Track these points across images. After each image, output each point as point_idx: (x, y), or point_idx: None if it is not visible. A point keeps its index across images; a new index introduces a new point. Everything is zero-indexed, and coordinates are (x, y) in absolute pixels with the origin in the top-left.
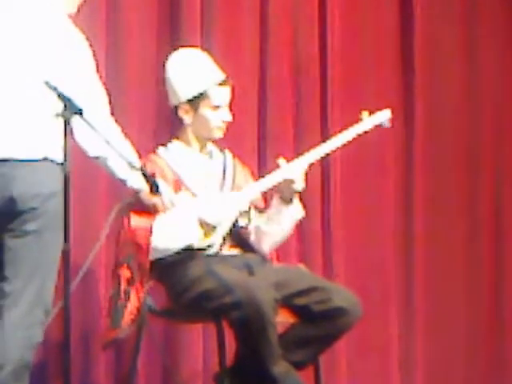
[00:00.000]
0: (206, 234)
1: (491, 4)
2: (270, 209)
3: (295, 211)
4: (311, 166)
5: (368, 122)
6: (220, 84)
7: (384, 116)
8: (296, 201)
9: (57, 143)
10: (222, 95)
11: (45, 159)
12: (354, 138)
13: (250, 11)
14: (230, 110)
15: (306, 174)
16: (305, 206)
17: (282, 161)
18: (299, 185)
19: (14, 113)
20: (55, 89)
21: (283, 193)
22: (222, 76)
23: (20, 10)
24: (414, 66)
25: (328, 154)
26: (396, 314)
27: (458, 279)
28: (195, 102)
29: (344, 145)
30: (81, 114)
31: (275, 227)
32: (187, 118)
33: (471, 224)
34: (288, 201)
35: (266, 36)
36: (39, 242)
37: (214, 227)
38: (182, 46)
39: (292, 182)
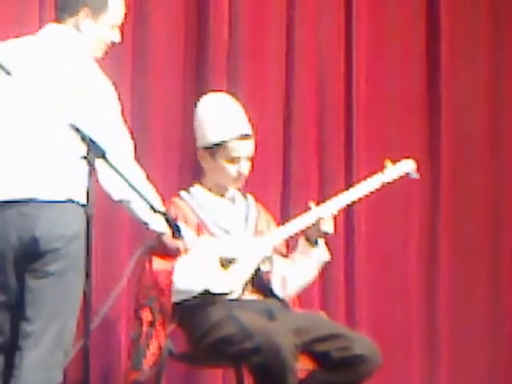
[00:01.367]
0: (224, 268)
1: None
2: (295, 252)
3: (322, 254)
4: (338, 212)
5: (391, 171)
6: (241, 137)
7: (408, 166)
8: (322, 244)
9: (81, 185)
10: (241, 148)
11: (69, 201)
12: (378, 188)
13: (276, 56)
14: (251, 160)
15: (335, 219)
16: (329, 252)
17: (312, 204)
18: (329, 227)
19: (39, 154)
20: (79, 131)
21: (311, 235)
22: (245, 130)
23: (48, 52)
24: (440, 113)
25: (351, 203)
26: (418, 364)
27: (481, 328)
28: (214, 150)
29: (366, 195)
30: (104, 156)
31: (301, 271)
32: (205, 164)
33: (494, 272)
34: (315, 243)
35: (291, 81)
36: (61, 283)
37: (232, 261)
38: (207, 91)
39: (322, 224)
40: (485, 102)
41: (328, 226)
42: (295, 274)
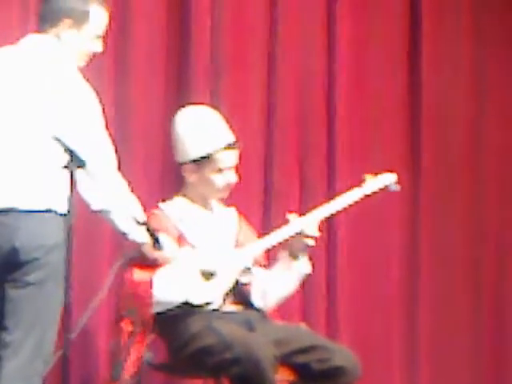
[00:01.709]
0: (205, 279)
1: (498, 55)
2: (275, 264)
3: (303, 266)
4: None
5: (371, 184)
6: (227, 147)
7: (388, 179)
8: (304, 256)
9: (61, 195)
10: (228, 158)
11: (48, 210)
12: (358, 201)
13: (258, 66)
14: (237, 169)
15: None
16: (310, 264)
17: (292, 216)
18: (311, 240)
19: (20, 163)
20: (60, 141)
21: (293, 247)
22: (230, 139)
23: (29, 62)
24: (420, 121)
25: (330, 216)
26: (399, 375)
27: (463, 338)
28: (200, 163)
29: (346, 207)
30: (84, 166)
31: (281, 283)
32: (191, 178)
33: (475, 282)
34: (297, 256)
35: (273, 91)
36: (41, 293)
37: (213, 274)
38: (189, 102)
39: (304, 236)
40: (466, 111)
41: (310, 239)
42: (276, 286)
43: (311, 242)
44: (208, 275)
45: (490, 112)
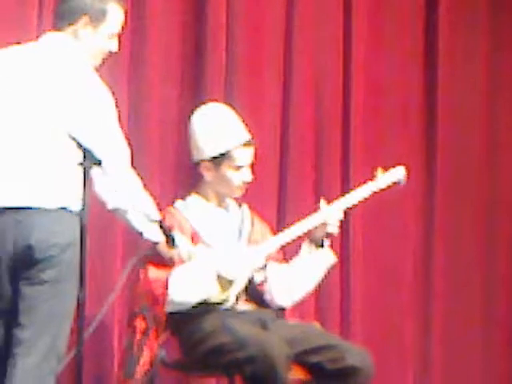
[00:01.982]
0: (222, 288)
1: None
2: (298, 257)
3: (328, 256)
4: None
5: (382, 179)
6: (244, 145)
7: (398, 173)
8: (327, 245)
9: (75, 193)
10: (245, 156)
11: (63, 208)
12: (370, 196)
13: (273, 69)
14: (252, 167)
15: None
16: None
17: (322, 203)
18: (334, 227)
19: (35, 161)
20: (75, 139)
21: (316, 236)
22: (246, 137)
23: (46, 60)
24: (436, 125)
25: (345, 210)
26: (412, 376)
27: (475, 342)
28: (218, 160)
29: (360, 202)
30: (100, 164)
31: (307, 275)
32: (208, 176)
33: (488, 287)
34: (321, 244)
35: (289, 93)
36: (55, 290)
37: (231, 281)
38: (204, 100)
39: (327, 224)
40: (481, 109)
41: (333, 227)
42: (301, 279)
43: (334, 231)
44: (226, 283)
45: (506, 110)
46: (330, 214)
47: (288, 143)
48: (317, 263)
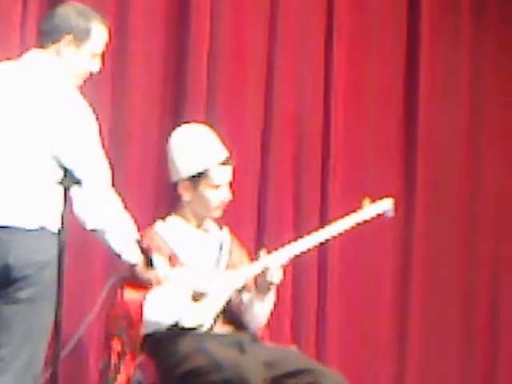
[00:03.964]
0: (195, 301)
1: (496, 83)
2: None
3: (270, 301)
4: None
5: (369, 210)
6: (222, 163)
7: (386, 205)
8: (272, 292)
9: (54, 213)
10: (222, 175)
11: (42, 228)
12: (354, 226)
13: (254, 89)
14: (231, 186)
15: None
16: (301, 291)
17: (262, 252)
18: (276, 277)
19: (14, 181)
20: (56, 158)
21: (260, 283)
22: (224, 155)
23: (28, 79)
24: (416, 152)
25: (326, 241)
26: None
27: (453, 363)
28: (196, 180)
29: (342, 232)
30: (79, 184)
31: (258, 311)
32: (187, 196)
33: (467, 308)
34: (263, 292)
35: (270, 115)
36: (32, 309)
37: (203, 294)
38: (185, 120)
39: (268, 273)
40: (462, 137)
41: (275, 276)
42: (256, 313)
43: (276, 280)
44: (198, 296)
45: (487, 138)
46: (270, 263)
47: (268, 164)
48: (265, 305)
